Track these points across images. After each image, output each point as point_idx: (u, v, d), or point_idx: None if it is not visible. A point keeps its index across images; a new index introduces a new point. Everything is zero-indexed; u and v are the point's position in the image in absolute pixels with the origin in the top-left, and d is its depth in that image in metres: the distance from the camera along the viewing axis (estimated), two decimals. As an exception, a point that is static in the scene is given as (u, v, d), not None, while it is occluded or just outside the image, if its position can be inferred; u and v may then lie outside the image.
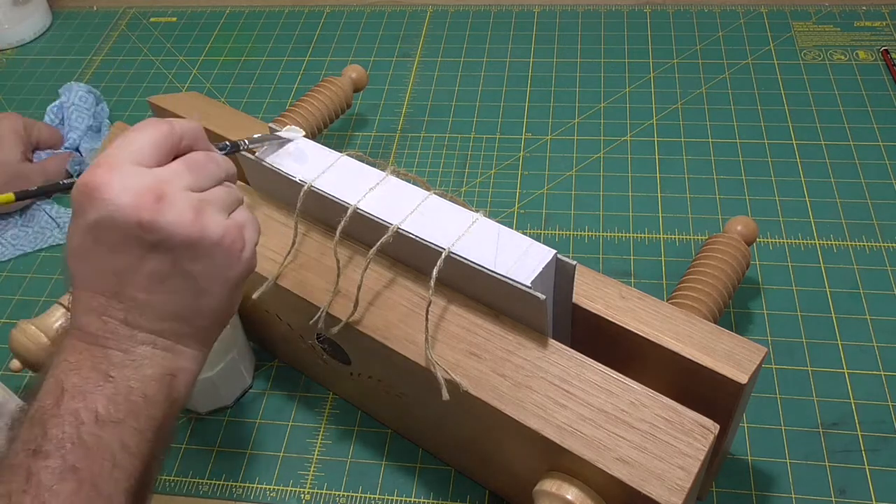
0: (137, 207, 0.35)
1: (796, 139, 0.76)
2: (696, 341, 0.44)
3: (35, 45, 1.00)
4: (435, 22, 0.96)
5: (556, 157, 0.77)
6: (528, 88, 0.85)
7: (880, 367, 0.58)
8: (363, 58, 0.91)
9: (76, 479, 0.34)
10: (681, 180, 0.73)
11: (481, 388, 0.43)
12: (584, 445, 0.40)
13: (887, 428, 0.55)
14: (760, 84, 0.82)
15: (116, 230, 0.36)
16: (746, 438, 0.55)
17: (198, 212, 0.37)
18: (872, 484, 0.53)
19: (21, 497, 0.33)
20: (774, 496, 0.53)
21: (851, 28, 0.88)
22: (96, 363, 0.36)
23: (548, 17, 0.94)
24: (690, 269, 0.56)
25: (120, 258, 0.36)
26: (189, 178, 0.38)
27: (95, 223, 0.36)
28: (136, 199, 0.35)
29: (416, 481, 0.55)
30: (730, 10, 0.92)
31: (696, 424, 0.40)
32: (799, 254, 0.66)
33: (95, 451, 0.35)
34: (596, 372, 0.43)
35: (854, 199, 0.70)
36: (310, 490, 0.56)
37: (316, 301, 0.49)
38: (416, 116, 0.83)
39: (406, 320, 0.47)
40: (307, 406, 0.60)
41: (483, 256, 0.43)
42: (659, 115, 0.80)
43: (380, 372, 0.51)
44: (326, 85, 0.74)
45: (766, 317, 0.62)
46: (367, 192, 0.47)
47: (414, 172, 0.71)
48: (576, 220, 0.71)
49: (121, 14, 1.04)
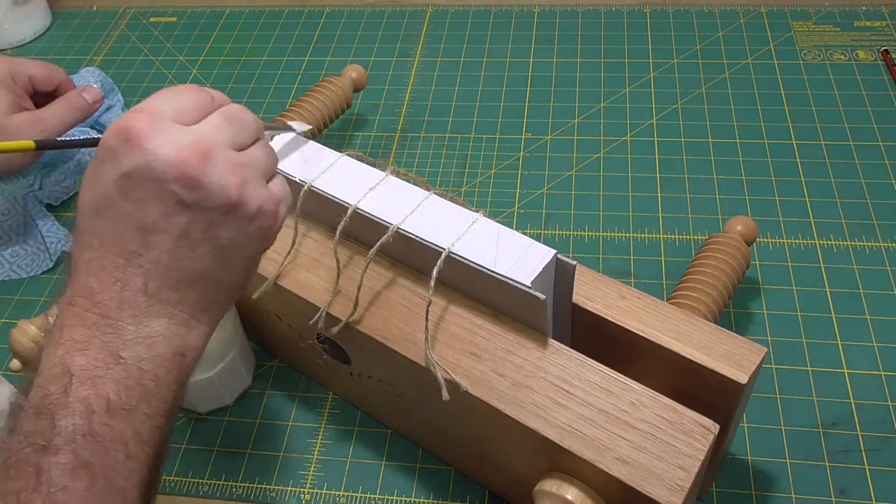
0: (181, 161, 0.33)
1: (796, 139, 0.76)
2: (696, 341, 0.44)
3: (35, 45, 1.00)
4: (435, 22, 0.96)
5: (556, 157, 0.77)
6: (528, 88, 0.85)
7: (880, 367, 0.58)
8: (363, 58, 0.91)
9: (89, 474, 0.31)
10: (681, 180, 0.73)
11: (481, 388, 0.43)
12: (583, 445, 0.40)
13: (887, 428, 0.55)
14: (760, 84, 0.82)
15: (151, 182, 0.33)
16: (746, 438, 0.55)
17: (240, 176, 0.35)
18: (872, 484, 0.52)
19: (31, 497, 0.30)
20: (774, 496, 0.53)
21: (851, 28, 0.88)
22: (106, 341, 0.33)
23: (548, 17, 0.94)
24: (690, 269, 0.56)
25: (149, 213, 0.34)
26: (229, 132, 0.36)
27: (129, 172, 0.33)
28: (180, 153, 0.33)
29: (416, 481, 0.55)
30: (730, 10, 0.91)
31: (696, 424, 0.40)
32: (799, 254, 0.66)
33: (108, 443, 0.32)
34: (596, 372, 0.43)
35: (854, 199, 0.70)
36: (310, 490, 0.56)
37: (316, 301, 0.49)
38: (416, 116, 0.83)
39: (406, 320, 0.47)
40: (307, 406, 0.60)
41: (483, 256, 0.43)
42: (659, 115, 0.80)
43: (380, 372, 0.51)
44: (326, 85, 0.74)
45: (766, 317, 0.62)
46: (367, 192, 0.47)
47: (414, 172, 0.71)
48: (576, 220, 0.71)
49: (121, 14, 1.04)
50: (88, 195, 0.35)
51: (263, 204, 0.37)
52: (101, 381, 0.33)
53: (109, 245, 0.34)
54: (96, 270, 0.34)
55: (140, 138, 0.33)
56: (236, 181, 0.35)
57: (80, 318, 0.34)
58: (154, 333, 0.34)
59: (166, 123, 0.34)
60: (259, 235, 0.37)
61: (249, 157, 0.37)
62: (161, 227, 0.34)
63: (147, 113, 0.34)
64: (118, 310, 0.34)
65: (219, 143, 0.35)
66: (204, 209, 0.34)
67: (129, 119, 0.34)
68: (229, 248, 0.36)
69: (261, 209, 0.36)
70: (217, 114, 0.36)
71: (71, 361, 0.33)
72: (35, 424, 0.32)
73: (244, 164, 0.36)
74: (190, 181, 0.33)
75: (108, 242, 0.34)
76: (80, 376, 0.32)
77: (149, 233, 0.34)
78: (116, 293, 0.34)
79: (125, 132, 0.33)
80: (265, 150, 0.39)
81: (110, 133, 0.34)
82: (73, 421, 0.32)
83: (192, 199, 0.34)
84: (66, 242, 0.72)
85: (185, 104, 0.36)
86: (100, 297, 0.34)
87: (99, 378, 0.33)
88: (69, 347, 0.33)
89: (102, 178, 0.34)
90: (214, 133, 0.35)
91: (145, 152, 0.33)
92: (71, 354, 0.33)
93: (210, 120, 0.36)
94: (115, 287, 0.34)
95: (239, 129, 0.37)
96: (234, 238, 0.36)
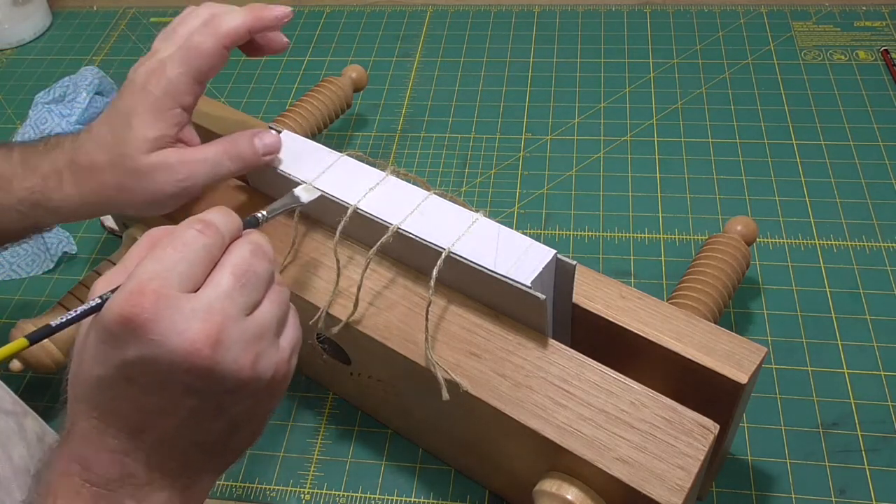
0: (190, 354, 0.30)
1: (796, 139, 0.76)
2: (696, 341, 0.44)
3: (35, 45, 1.00)
4: (435, 22, 0.96)
5: (556, 157, 0.77)
6: (528, 88, 0.85)
7: (880, 367, 0.58)
8: (363, 58, 0.91)
9: None
10: (681, 180, 0.73)
11: (481, 388, 0.43)
12: (583, 445, 0.40)
13: (887, 428, 0.55)
14: (760, 84, 0.82)
15: (158, 373, 0.30)
16: (746, 438, 0.55)
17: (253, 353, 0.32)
18: (872, 484, 0.52)
19: None
20: (774, 496, 0.53)
21: (851, 28, 0.88)
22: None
23: (548, 17, 0.94)
24: (690, 269, 0.57)
25: (155, 400, 0.31)
26: (241, 298, 0.32)
27: (133, 362, 0.30)
28: (190, 345, 0.30)
29: (416, 481, 0.55)
30: (730, 10, 0.91)
31: (696, 424, 0.40)
32: (799, 254, 0.66)
33: None
34: (596, 372, 0.43)
35: (854, 199, 0.70)
36: (310, 490, 0.56)
37: (316, 301, 0.49)
38: (416, 116, 0.83)
39: (406, 320, 0.47)
40: (307, 406, 0.60)
41: (483, 256, 0.43)
42: (659, 115, 0.80)
43: (380, 372, 0.51)
44: (326, 85, 0.74)
45: (766, 317, 0.62)
46: (367, 192, 0.47)
47: (414, 172, 0.71)
48: (576, 220, 0.71)
49: (121, 14, 1.04)
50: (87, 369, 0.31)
51: (277, 369, 0.34)
52: None
53: (111, 421, 0.31)
54: (96, 444, 0.31)
55: (145, 328, 0.30)
56: (250, 359, 0.32)
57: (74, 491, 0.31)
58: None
59: (171, 304, 0.30)
60: (273, 398, 0.35)
61: (262, 320, 0.33)
62: (168, 411, 0.32)
63: (151, 294, 0.30)
64: (118, 485, 0.31)
65: (230, 317, 0.31)
66: (214, 392, 0.32)
67: (131, 302, 0.30)
68: (243, 416, 0.34)
69: (274, 376, 0.34)
70: (228, 273, 0.33)
71: None
72: None
73: (258, 336, 0.33)
74: (200, 372, 0.31)
75: (109, 418, 0.31)
76: None
77: (154, 416, 0.32)
78: (117, 468, 0.31)
79: (128, 321, 0.30)
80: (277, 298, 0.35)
81: (111, 315, 0.30)
82: None
83: (201, 386, 0.31)
84: (66, 243, 0.73)
85: (193, 262, 0.32)
86: (98, 469, 0.31)
87: None
88: None
89: (102, 359, 0.31)
90: (225, 304, 0.32)
91: (152, 344, 0.30)
92: None
93: (221, 283, 0.32)
94: (114, 462, 0.31)
95: (251, 289, 0.33)
96: (247, 408, 0.34)
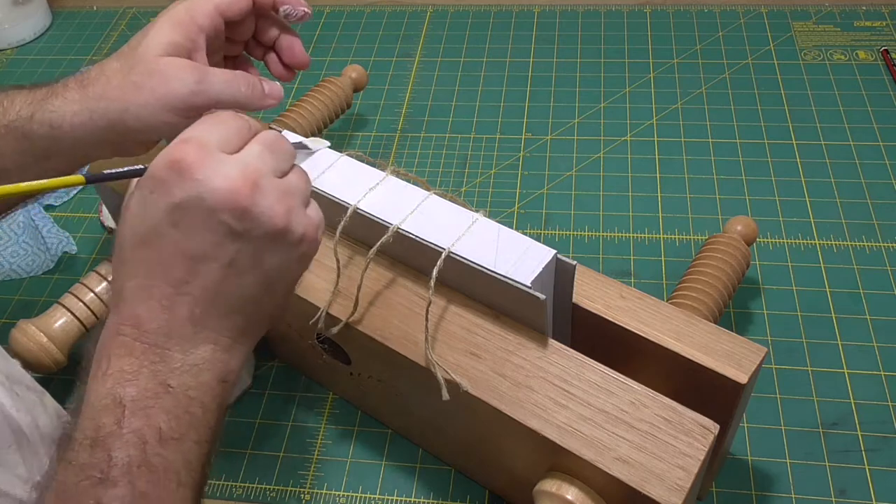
0: (232, 192, 0.33)
1: (796, 139, 0.76)
2: (696, 341, 0.44)
3: (35, 45, 1.00)
4: (435, 22, 0.96)
5: (556, 157, 0.77)
6: (528, 88, 0.85)
7: (880, 367, 0.58)
8: (363, 58, 0.91)
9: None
10: (681, 180, 0.73)
11: (481, 388, 0.43)
12: (584, 445, 0.40)
13: (887, 428, 0.55)
14: (760, 84, 0.82)
15: (203, 212, 0.33)
16: (746, 438, 0.55)
17: (286, 205, 0.36)
18: (872, 484, 0.53)
19: None
20: (774, 496, 0.53)
21: (851, 28, 0.88)
22: (155, 370, 0.34)
23: (548, 17, 0.94)
24: (690, 269, 0.57)
25: (199, 243, 0.34)
26: (272, 161, 0.36)
27: (181, 203, 0.33)
28: (232, 184, 0.33)
29: (416, 481, 0.55)
30: (730, 10, 0.91)
31: (696, 424, 0.40)
32: (799, 254, 0.66)
33: (162, 473, 0.33)
34: (596, 372, 0.43)
35: (854, 199, 0.70)
36: (310, 490, 0.56)
37: (316, 301, 0.49)
38: (416, 116, 0.83)
39: (406, 320, 0.47)
40: (307, 406, 0.60)
41: (483, 256, 0.43)
42: (659, 115, 0.80)
43: (380, 372, 0.51)
44: (326, 85, 0.74)
45: (766, 317, 0.62)
46: (367, 192, 0.47)
47: (414, 172, 0.71)
48: (576, 220, 0.71)
49: (121, 14, 1.04)
50: (134, 225, 0.34)
51: (307, 230, 0.37)
52: (152, 412, 0.33)
53: (157, 274, 0.34)
54: (144, 299, 0.34)
55: (191, 170, 0.33)
56: (283, 209, 0.35)
57: (127, 347, 0.34)
58: (200, 361, 0.35)
59: (214, 153, 0.34)
60: (301, 261, 0.38)
61: (291, 185, 0.37)
62: (210, 255, 0.34)
63: (195, 143, 0.34)
64: (166, 338, 0.34)
65: (264, 172, 0.35)
66: (252, 238, 0.35)
67: (177, 149, 0.34)
68: (274, 275, 0.37)
69: (304, 236, 0.37)
70: (257, 142, 0.37)
71: (122, 392, 0.33)
72: (91, 457, 0.32)
73: (288, 192, 0.36)
74: (241, 211, 0.34)
75: (155, 271, 0.34)
76: (132, 407, 0.33)
77: (198, 262, 0.34)
78: (164, 321, 0.34)
79: (176, 164, 0.33)
80: (302, 176, 0.39)
81: (159, 164, 0.34)
82: (128, 452, 0.32)
83: (242, 228, 0.34)
84: (66, 243, 0.73)
85: (229, 132, 0.36)
86: (147, 325, 0.34)
87: (150, 408, 0.33)
88: (119, 378, 0.33)
89: (150, 209, 0.34)
90: (259, 162, 0.35)
91: (197, 183, 0.33)
92: (122, 385, 0.33)
93: (251, 148, 0.36)
94: (162, 315, 0.34)
95: (279, 157, 0.37)
96: (280, 265, 0.37)
